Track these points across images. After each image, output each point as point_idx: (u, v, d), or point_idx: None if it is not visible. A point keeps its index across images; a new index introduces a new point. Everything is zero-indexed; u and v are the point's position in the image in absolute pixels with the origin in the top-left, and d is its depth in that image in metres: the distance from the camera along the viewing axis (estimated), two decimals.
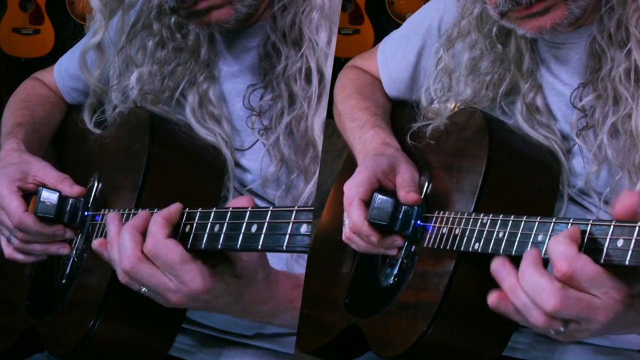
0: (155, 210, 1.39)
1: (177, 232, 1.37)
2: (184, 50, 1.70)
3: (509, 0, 1.46)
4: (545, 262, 1.21)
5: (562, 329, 1.19)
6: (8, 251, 1.66)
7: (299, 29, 1.60)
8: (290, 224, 1.23)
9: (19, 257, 1.66)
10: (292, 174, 1.63)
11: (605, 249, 1.14)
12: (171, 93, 1.70)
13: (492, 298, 1.23)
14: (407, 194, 1.57)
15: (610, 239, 1.14)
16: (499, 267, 1.23)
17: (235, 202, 1.36)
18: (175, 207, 1.38)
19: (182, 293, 1.34)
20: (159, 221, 1.35)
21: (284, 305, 1.47)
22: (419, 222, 1.56)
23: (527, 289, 1.18)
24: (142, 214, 1.40)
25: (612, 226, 1.14)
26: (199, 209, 1.36)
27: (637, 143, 1.48)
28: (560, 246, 1.17)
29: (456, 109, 1.69)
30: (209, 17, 1.58)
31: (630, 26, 1.47)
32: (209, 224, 1.33)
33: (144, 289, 1.38)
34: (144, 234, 1.37)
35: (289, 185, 1.63)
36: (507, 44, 1.61)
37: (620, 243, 1.13)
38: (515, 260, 1.23)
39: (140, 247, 1.35)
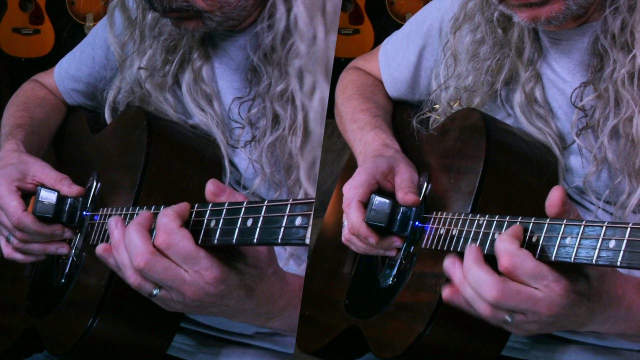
0: (163, 207, 1.37)
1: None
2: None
3: None
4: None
5: (508, 319, 1.27)
6: (7, 251, 1.66)
7: (284, 58, 1.59)
8: (285, 217, 1.23)
9: (18, 257, 1.66)
10: (275, 192, 1.63)
11: (597, 250, 1.17)
12: (170, 67, 1.70)
13: (446, 292, 1.31)
14: (405, 195, 1.57)
15: (602, 239, 1.15)
16: (449, 265, 1.31)
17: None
18: (185, 204, 1.36)
19: (198, 285, 1.31)
20: (170, 214, 1.32)
21: (293, 304, 1.45)
22: (417, 223, 1.56)
23: (471, 282, 1.26)
24: (144, 213, 1.37)
25: (604, 227, 1.16)
26: (195, 206, 1.35)
27: (638, 147, 1.48)
28: (502, 243, 1.25)
29: (457, 104, 1.69)
30: (179, 24, 1.61)
31: (635, 31, 1.47)
32: (205, 220, 1.32)
33: (155, 291, 1.33)
34: (150, 231, 1.34)
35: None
36: (509, 29, 1.61)
37: (612, 244, 1.14)
38: None
39: (150, 242, 1.31)
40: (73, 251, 1.64)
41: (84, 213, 1.63)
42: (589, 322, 1.32)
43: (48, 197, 1.60)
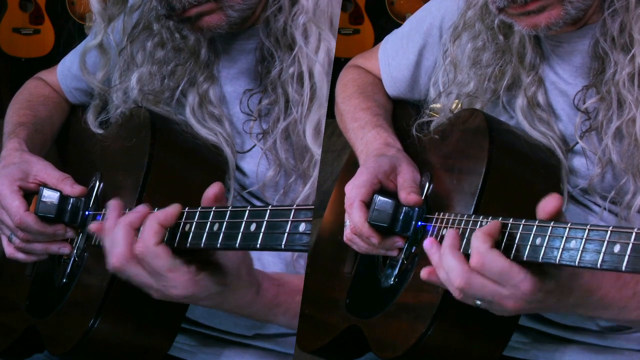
0: (155, 210, 1.40)
1: (176, 231, 1.37)
2: (184, 50, 1.69)
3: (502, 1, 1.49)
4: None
5: (478, 302, 1.32)
6: (9, 250, 1.66)
7: (291, 33, 1.60)
8: (289, 223, 1.23)
9: (20, 256, 1.66)
10: (290, 177, 1.63)
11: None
12: (171, 93, 1.70)
13: (424, 272, 1.37)
14: (407, 195, 1.57)
15: (607, 243, 1.15)
16: (429, 246, 1.37)
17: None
18: (172, 210, 1.39)
19: (164, 294, 1.39)
20: (152, 226, 1.37)
21: (263, 311, 1.50)
22: (419, 223, 1.56)
23: (444, 266, 1.33)
24: (140, 209, 1.41)
25: (609, 231, 1.16)
26: (199, 208, 1.36)
27: None
28: (475, 240, 1.30)
29: (459, 107, 1.69)
30: (200, 23, 1.58)
31: (634, 32, 1.47)
32: (209, 223, 1.33)
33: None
34: (139, 229, 1.40)
35: (287, 190, 1.63)
36: (510, 35, 1.61)
37: (617, 248, 1.14)
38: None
39: (131, 246, 1.38)
40: (75, 251, 1.64)
41: (86, 213, 1.63)
42: (561, 310, 1.38)
43: (50, 197, 1.60)
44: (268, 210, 1.27)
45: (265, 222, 1.26)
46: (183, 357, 1.70)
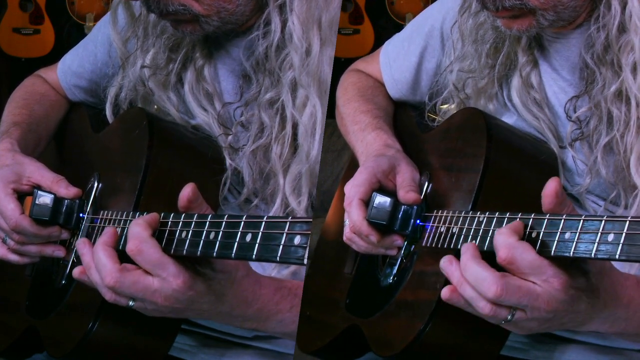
0: (130, 218, 1.43)
1: (173, 237, 1.37)
2: None
3: (479, 2, 1.51)
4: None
5: (509, 317, 1.26)
6: (2, 252, 1.65)
7: (272, 65, 1.59)
8: (284, 235, 1.23)
9: (13, 258, 1.65)
10: (253, 201, 1.64)
11: (596, 244, 1.17)
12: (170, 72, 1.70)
13: (445, 292, 1.30)
14: (406, 194, 1.57)
15: (601, 233, 1.16)
16: (446, 265, 1.30)
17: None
18: (155, 214, 1.40)
19: (167, 292, 1.35)
20: (141, 223, 1.37)
21: (269, 307, 1.48)
22: (418, 221, 1.56)
23: (470, 280, 1.26)
24: (107, 230, 1.42)
25: (603, 221, 1.16)
26: (195, 216, 1.36)
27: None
28: (501, 236, 1.25)
29: (460, 105, 1.70)
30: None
31: (621, 58, 1.47)
32: (205, 231, 1.33)
33: (131, 303, 1.38)
34: (116, 247, 1.40)
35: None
36: None
37: (611, 237, 1.15)
38: None
39: (117, 259, 1.37)
40: (74, 252, 1.63)
41: (81, 215, 1.62)
42: (589, 321, 1.33)
43: (45, 199, 1.59)
44: (263, 221, 1.27)
45: (260, 233, 1.26)
46: (184, 358, 1.70)
